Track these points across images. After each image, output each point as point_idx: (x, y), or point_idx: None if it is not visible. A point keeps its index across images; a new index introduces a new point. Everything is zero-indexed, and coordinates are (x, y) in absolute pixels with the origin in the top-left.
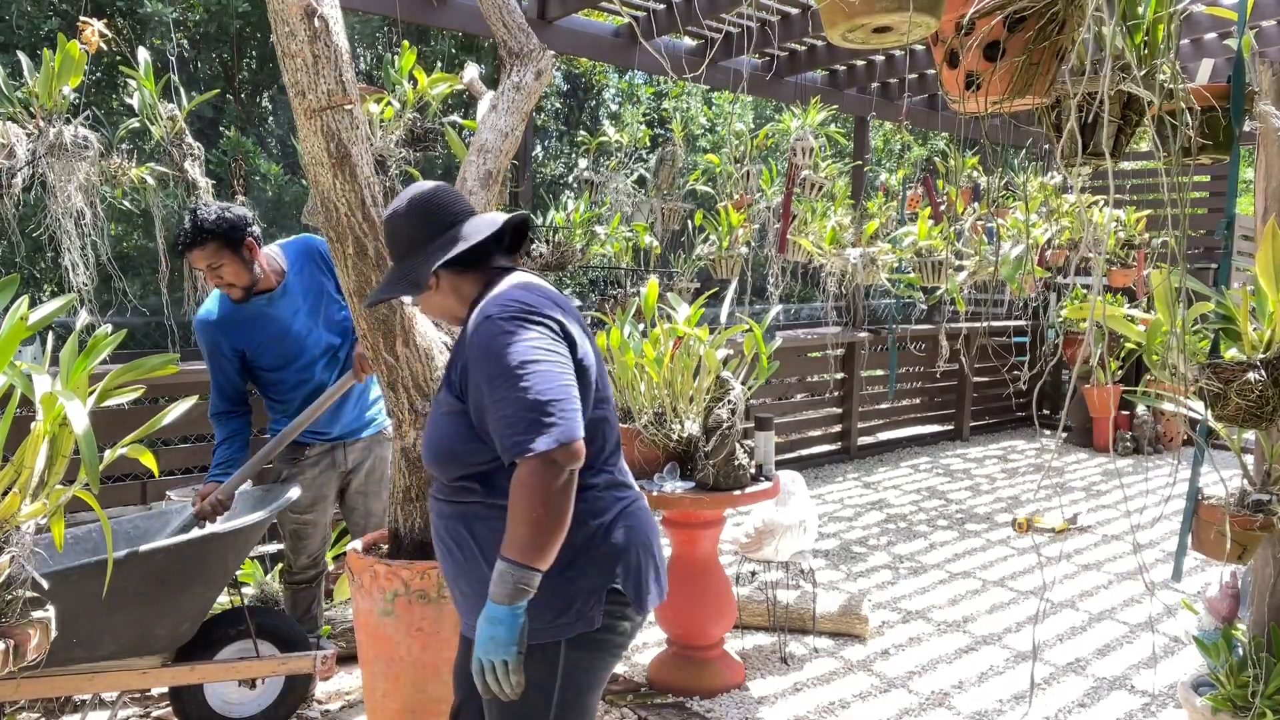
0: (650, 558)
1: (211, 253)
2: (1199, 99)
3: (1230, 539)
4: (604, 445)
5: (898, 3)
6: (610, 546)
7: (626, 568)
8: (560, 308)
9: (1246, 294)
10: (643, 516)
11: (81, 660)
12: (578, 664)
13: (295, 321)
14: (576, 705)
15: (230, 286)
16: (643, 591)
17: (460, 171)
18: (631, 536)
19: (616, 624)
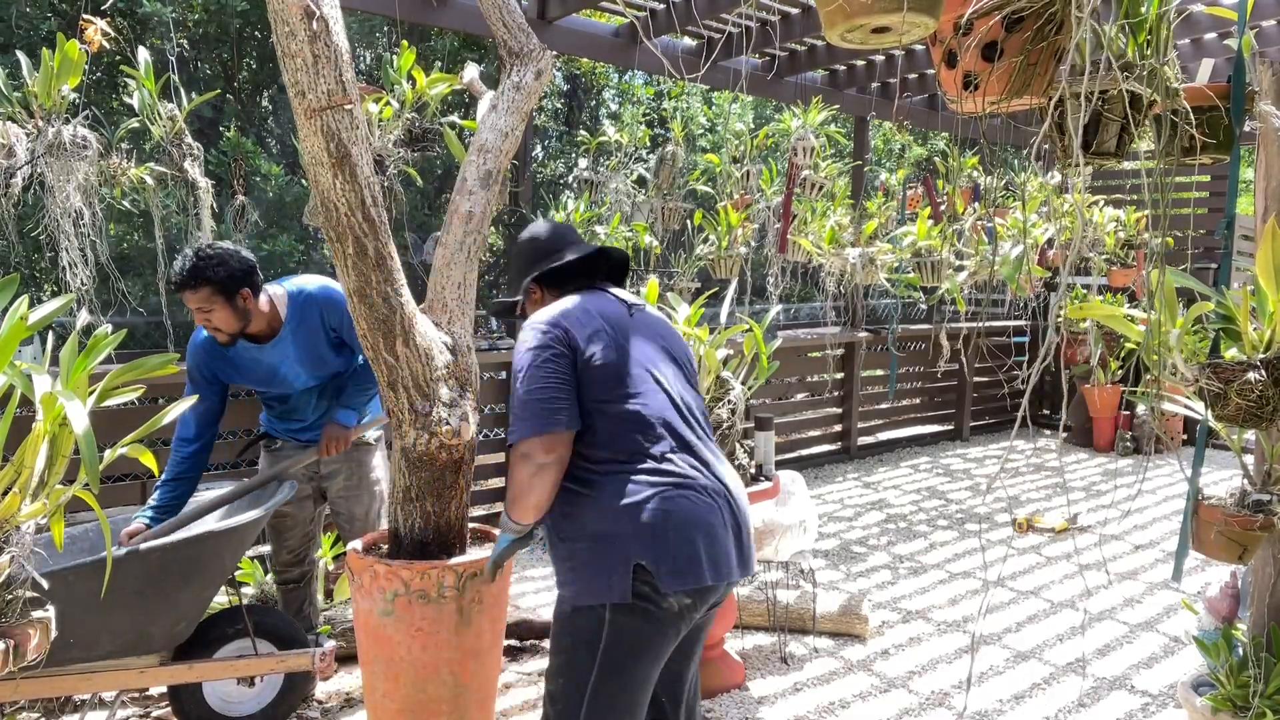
0: (694, 539)
1: (204, 297)
2: (1200, 99)
3: (1230, 539)
4: (637, 433)
5: (896, 3)
6: (638, 527)
7: (653, 546)
8: (580, 320)
9: (1246, 294)
10: (685, 502)
11: (80, 660)
12: (621, 627)
13: (282, 366)
14: (621, 666)
15: (217, 331)
16: (677, 569)
17: (460, 171)
18: (666, 519)
19: (650, 596)
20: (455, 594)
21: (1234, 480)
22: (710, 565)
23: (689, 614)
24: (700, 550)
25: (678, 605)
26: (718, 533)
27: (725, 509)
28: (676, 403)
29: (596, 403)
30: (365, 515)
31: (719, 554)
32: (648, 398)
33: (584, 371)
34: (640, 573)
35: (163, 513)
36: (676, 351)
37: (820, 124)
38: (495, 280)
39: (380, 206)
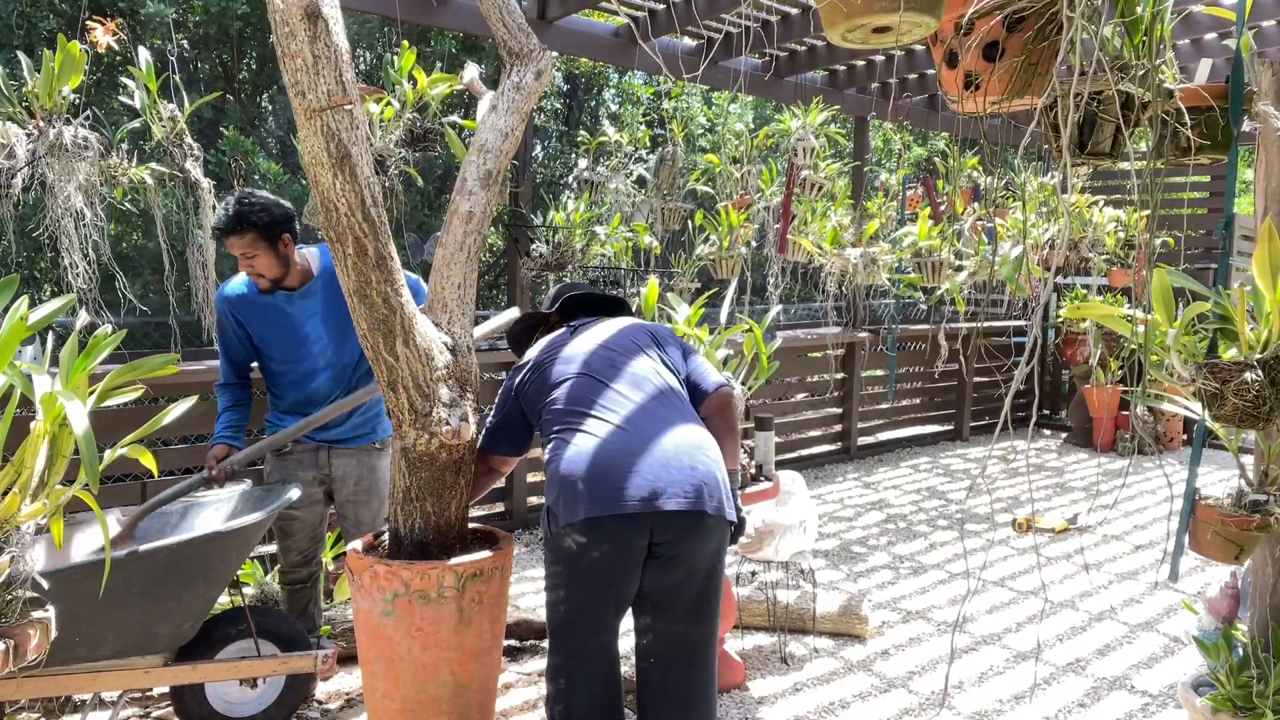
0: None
1: (249, 243)
2: (1198, 99)
3: (1226, 539)
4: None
5: (896, 3)
6: (549, 482)
7: (550, 493)
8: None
9: (1244, 294)
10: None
11: (84, 659)
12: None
13: (307, 324)
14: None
15: (259, 276)
16: (563, 508)
17: (460, 171)
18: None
19: (555, 533)
20: (455, 594)
21: (1233, 480)
22: (591, 500)
23: (589, 550)
24: (580, 488)
25: (573, 542)
26: (609, 472)
27: (644, 448)
28: (595, 375)
29: (538, 408)
30: (373, 521)
31: (606, 490)
32: (565, 391)
33: (524, 396)
34: (549, 515)
35: (234, 431)
36: (618, 339)
37: (820, 124)
38: (495, 280)
39: (380, 206)
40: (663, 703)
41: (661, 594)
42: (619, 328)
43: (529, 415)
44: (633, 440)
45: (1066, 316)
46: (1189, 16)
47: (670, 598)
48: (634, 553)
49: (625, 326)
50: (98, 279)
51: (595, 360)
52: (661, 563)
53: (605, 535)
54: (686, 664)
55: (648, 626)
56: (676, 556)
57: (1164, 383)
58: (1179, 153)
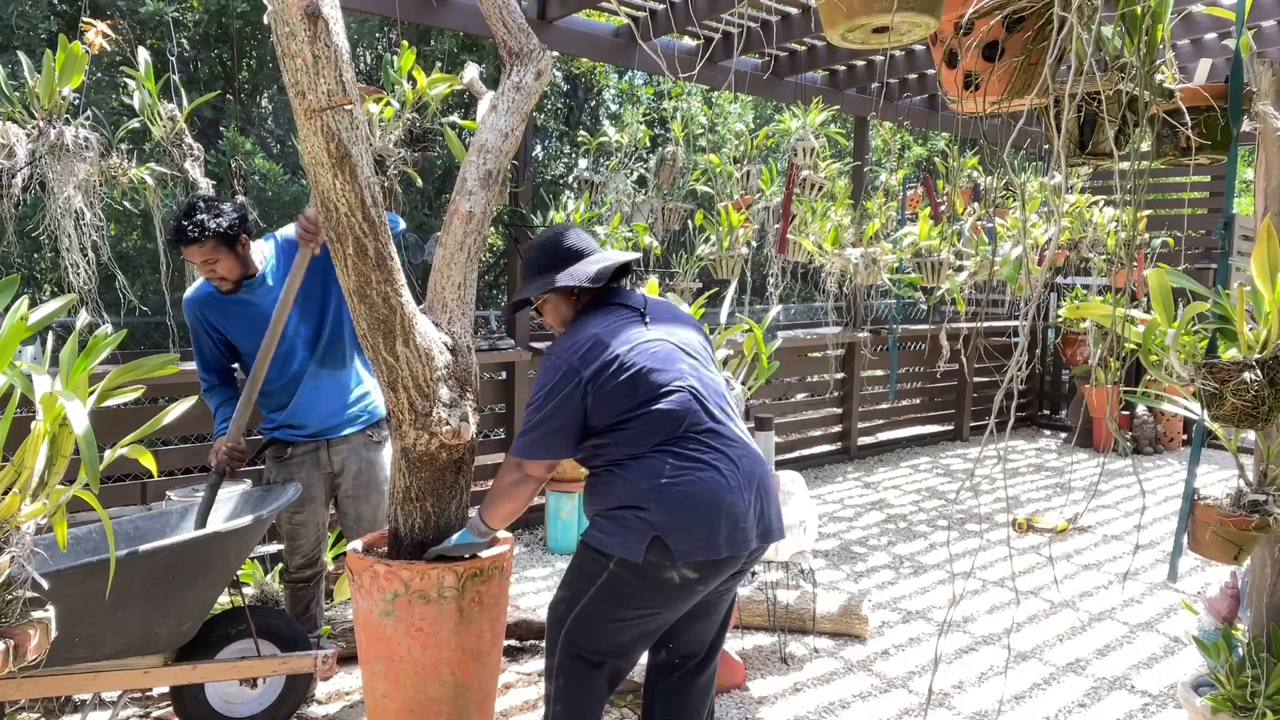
0: (711, 517)
1: (209, 250)
2: (1197, 99)
3: (1225, 539)
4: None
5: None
6: (663, 505)
7: (674, 523)
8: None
9: (1243, 294)
10: (705, 483)
11: (85, 659)
12: (619, 578)
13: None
14: (607, 608)
15: (222, 280)
16: (693, 545)
17: (460, 171)
18: (686, 498)
19: (658, 565)
20: (455, 594)
21: (1232, 480)
22: (726, 541)
23: (694, 585)
24: (718, 527)
25: (680, 577)
26: (737, 509)
27: (746, 485)
28: (698, 393)
29: (624, 412)
30: (373, 517)
31: (734, 530)
32: (669, 399)
33: (604, 394)
34: (656, 544)
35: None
36: (691, 340)
37: (820, 124)
38: (495, 280)
39: (380, 206)
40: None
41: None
42: (684, 321)
43: (594, 416)
44: (742, 474)
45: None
46: (1189, 16)
47: (715, 608)
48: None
49: (686, 318)
50: (97, 279)
51: (690, 371)
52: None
53: (720, 571)
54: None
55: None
56: (743, 570)
57: (1164, 383)
58: (1179, 153)
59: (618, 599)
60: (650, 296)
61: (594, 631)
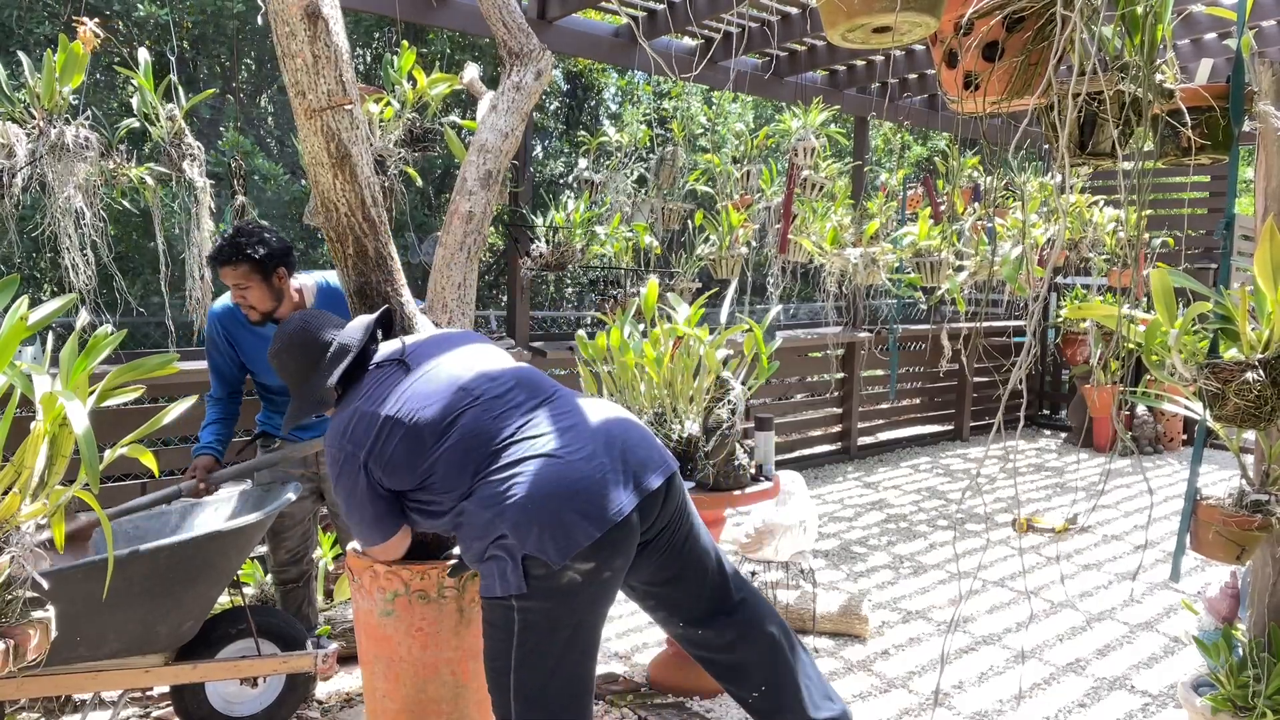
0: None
1: (242, 274)
2: (1198, 99)
3: (1228, 539)
4: (468, 459)
5: (896, 3)
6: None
7: (529, 533)
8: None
9: (1245, 294)
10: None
11: (86, 659)
12: (528, 612)
13: None
14: (539, 647)
15: (251, 309)
16: (558, 543)
17: (460, 171)
18: (529, 502)
19: (545, 576)
20: (455, 594)
21: (1233, 480)
22: (593, 517)
23: (599, 575)
24: (573, 511)
25: (579, 573)
26: (586, 481)
27: (595, 448)
28: (486, 401)
29: (420, 466)
30: None
31: (595, 503)
32: (457, 427)
33: (387, 461)
34: (530, 561)
35: (222, 443)
36: (465, 354)
37: (820, 124)
38: (495, 280)
39: (380, 206)
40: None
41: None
42: (457, 344)
43: (392, 479)
44: (581, 438)
45: (1066, 316)
46: (1189, 16)
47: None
48: (634, 553)
49: (461, 339)
50: (96, 279)
51: (471, 378)
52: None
53: (614, 550)
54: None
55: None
56: (660, 533)
57: (1165, 383)
58: (1180, 153)
59: (542, 633)
60: (411, 339)
61: (546, 679)
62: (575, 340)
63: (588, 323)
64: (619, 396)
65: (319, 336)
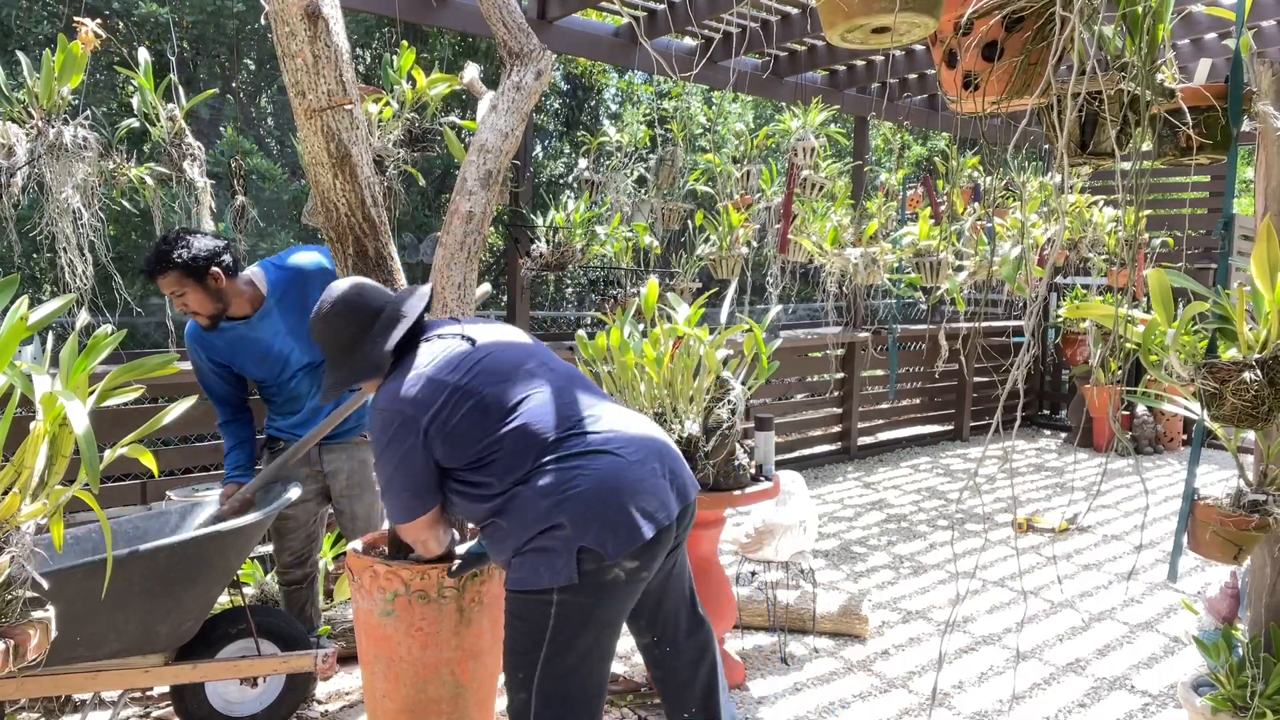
0: (624, 502)
1: (173, 281)
2: (1197, 99)
3: (1225, 539)
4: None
5: (895, 3)
6: (570, 515)
7: (590, 527)
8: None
9: (1243, 294)
10: (603, 473)
11: (85, 659)
12: (567, 606)
13: (276, 341)
14: (569, 644)
15: (195, 314)
16: (618, 538)
17: (460, 171)
18: (593, 496)
19: (596, 571)
20: (455, 594)
21: (1231, 480)
22: (647, 518)
23: (638, 574)
24: (633, 510)
25: (624, 572)
26: (646, 483)
27: (648, 454)
28: (557, 389)
29: (482, 441)
30: (368, 514)
31: (652, 504)
32: (525, 409)
33: (450, 431)
34: (585, 554)
35: (242, 470)
36: (523, 342)
37: (820, 124)
38: (495, 280)
39: (380, 206)
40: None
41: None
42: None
43: (448, 458)
44: (636, 444)
45: (1066, 316)
46: (1189, 16)
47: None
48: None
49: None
50: (95, 279)
51: (538, 370)
52: (670, 557)
53: (657, 551)
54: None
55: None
56: (678, 542)
57: (1164, 383)
58: (1179, 152)
59: (576, 627)
60: (465, 320)
61: (567, 675)
62: (575, 340)
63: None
64: (619, 396)
65: (369, 303)
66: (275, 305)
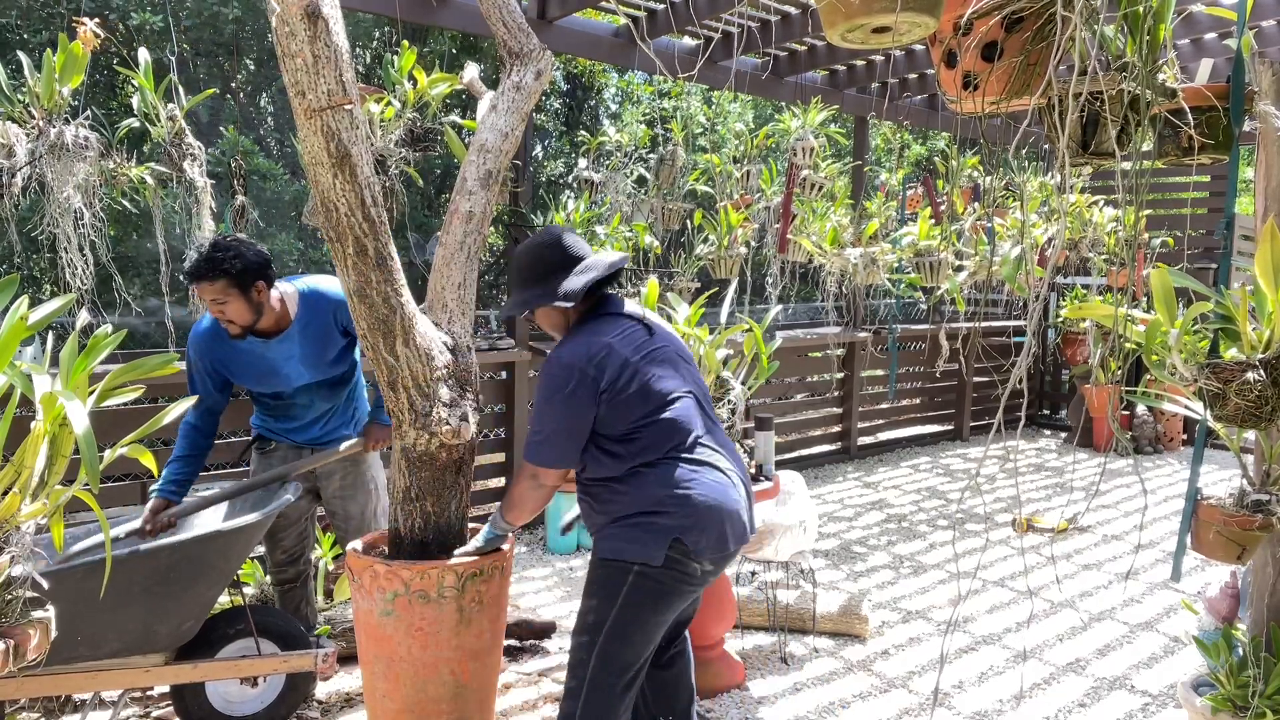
0: (721, 516)
1: (219, 289)
2: (1198, 99)
3: (1229, 539)
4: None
5: (895, 3)
6: (681, 508)
7: (693, 524)
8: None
9: (1245, 294)
10: (714, 485)
11: (86, 658)
12: (643, 584)
13: (286, 365)
14: (635, 616)
15: (230, 323)
16: (710, 542)
17: (460, 171)
18: (703, 500)
19: (681, 562)
20: (455, 594)
21: (1234, 480)
22: (735, 537)
23: (709, 577)
24: (726, 525)
25: (701, 570)
26: (739, 506)
27: (738, 483)
28: (699, 401)
29: (635, 420)
30: (361, 515)
31: (738, 525)
32: (677, 405)
33: (618, 401)
34: (675, 544)
35: (179, 486)
36: (683, 348)
37: (820, 124)
38: (495, 280)
39: (380, 206)
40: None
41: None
42: (674, 335)
43: (607, 422)
44: (735, 473)
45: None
46: (1189, 16)
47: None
48: None
49: (675, 334)
50: (95, 279)
51: (689, 379)
52: None
53: (724, 563)
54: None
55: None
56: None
57: (1165, 383)
58: (1180, 152)
59: (645, 604)
60: (648, 312)
61: (626, 642)
62: None
63: None
64: None
65: (577, 248)
66: (299, 332)
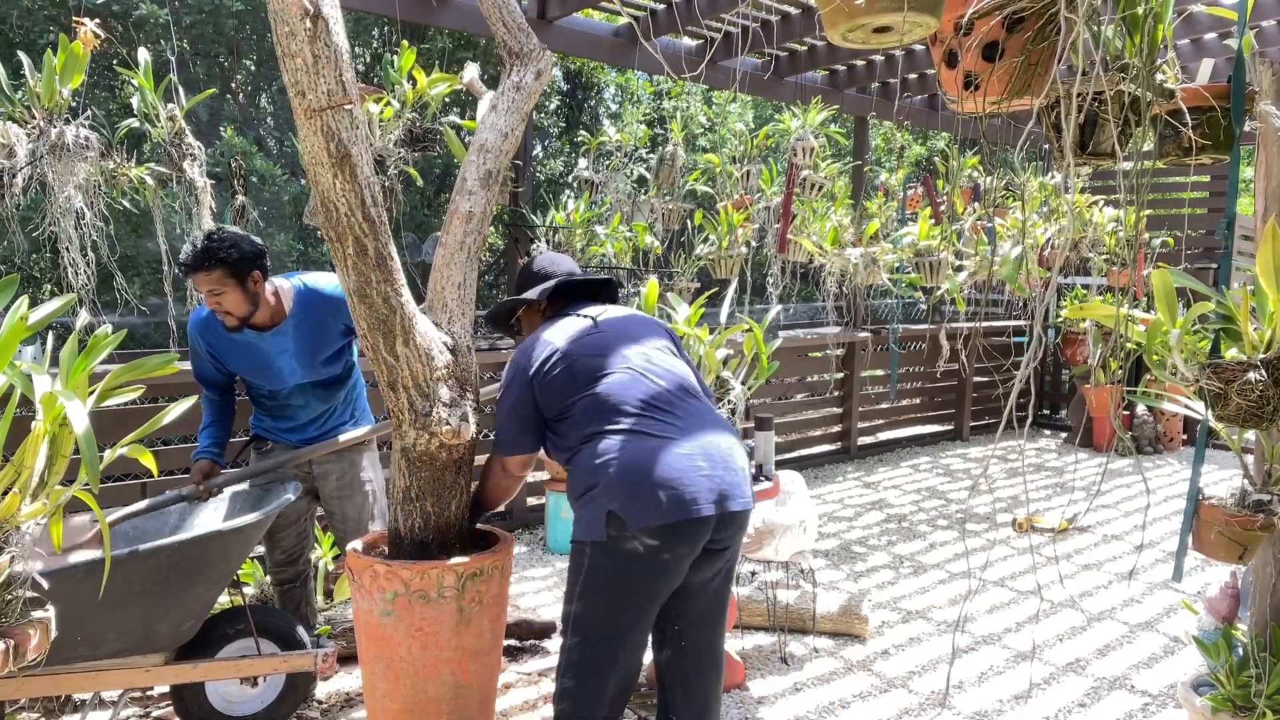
0: (653, 483)
1: (216, 280)
2: (1199, 99)
3: (1230, 539)
4: (601, 411)
5: (897, 3)
6: (606, 480)
7: (618, 494)
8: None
9: (1247, 294)
10: (645, 454)
11: (86, 658)
12: (596, 562)
13: (279, 359)
14: (597, 593)
15: (227, 315)
16: (638, 511)
17: (460, 171)
18: (626, 469)
19: (618, 536)
20: (455, 594)
21: (1234, 480)
22: (672, 503)
23: (659, 555)
24: (659, 492)
25: (643, 546)
26: (686, 475)
27: (700, 452)
28: (644, 372)
29: (567, 399)
30: (358, 515)
31: (682, 493)
32: (609, 380)
33: (546, 383)
34: (611, 518)
35: (219, 447)
36: (644, 336)
37: (820, 124)
38: (495, 280)
39: (380, 206)
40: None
41: (695, 587)
42: (641, 322)
43: (544, 407)
44: (692, 441)
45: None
46: (1189, 16)
47: (700, 589)
48: (697, 551)
49: (645, 320)
50: (96, 279)
51: (635, 357)
52: (707, 556)
53: (680, 539)
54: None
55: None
56: (721, 551)
57: (1165, 383)
58: (1181, 153)
59: (602, 582)
60: (612, 308)
61: (593, 618)
62: None
63: None
64: None
65: (555, 265)
66: (293, 327)
